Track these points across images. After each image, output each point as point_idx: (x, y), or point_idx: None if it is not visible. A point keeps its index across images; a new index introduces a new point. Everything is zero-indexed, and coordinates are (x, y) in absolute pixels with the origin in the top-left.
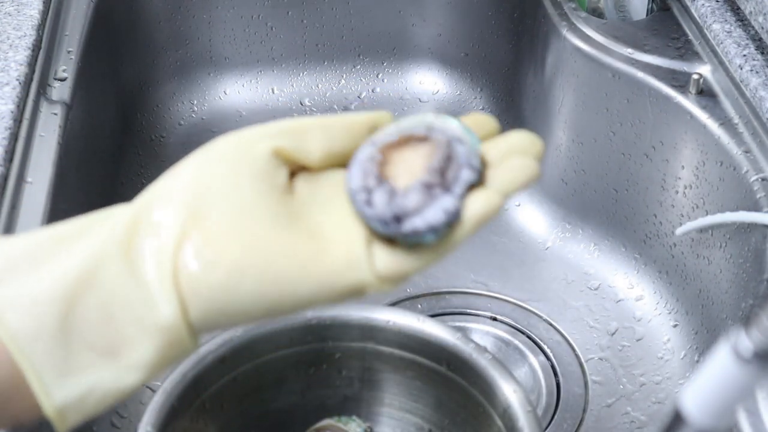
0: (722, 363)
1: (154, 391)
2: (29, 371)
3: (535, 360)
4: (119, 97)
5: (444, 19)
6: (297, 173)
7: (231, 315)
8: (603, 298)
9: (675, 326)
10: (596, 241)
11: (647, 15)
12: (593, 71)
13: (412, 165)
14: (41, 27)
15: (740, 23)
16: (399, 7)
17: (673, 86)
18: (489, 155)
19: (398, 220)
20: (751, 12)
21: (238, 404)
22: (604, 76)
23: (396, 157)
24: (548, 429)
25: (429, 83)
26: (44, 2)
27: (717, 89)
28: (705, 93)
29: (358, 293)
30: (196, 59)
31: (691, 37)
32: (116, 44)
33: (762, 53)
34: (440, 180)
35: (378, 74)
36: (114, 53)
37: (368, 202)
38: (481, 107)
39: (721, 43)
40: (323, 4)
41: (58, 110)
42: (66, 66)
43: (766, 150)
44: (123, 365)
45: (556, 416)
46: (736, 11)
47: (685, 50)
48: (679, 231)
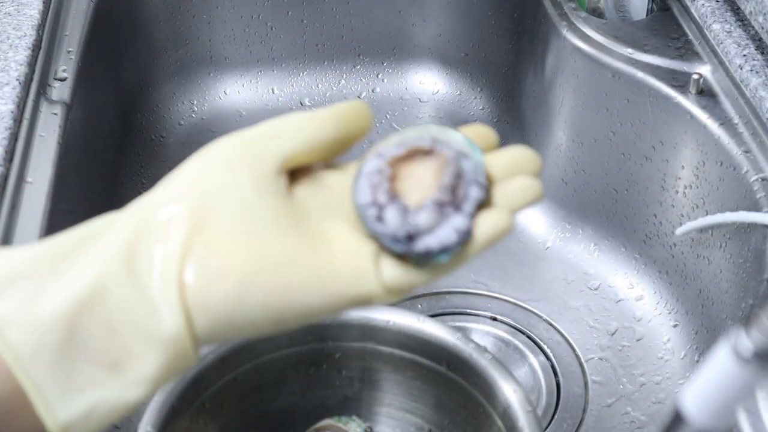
0: (722, 363)
1: None
2: (32, 389)
3: (535, 360)
4: (119, 97)
5: (444, 19)
6: (293, 177)
7: (238, 327)
8: (603, 298)
9: (675, 326)
10: (596, 241)
11: (647, 15)
12: (593, 71)
13: (422, 180)
14: (41, 27)
15: (740, 23)
16: (399, 7)
17: (673, 86)
18: (492, 171)
19: (411, 239)
20: (751, 12)
21: (238, 404)
22: (604, 76)
23: (404, 171)
24: (548, 429)
25: (429, 83)
26: (44, 2)
27: (717, 89)
28: (705, 93)
29: (365, 303)
30: (196, 59)
31: (691, 37)
32: (116, 44)
33: (762, 53)
34: (451, 198)
35: (378, 74)
36: (114, 53)
37: (379, 219)
38: (481, 107)
39: (721, 43)
40: (323, 4)
41: (58, 110)
42: (66, 66)
43: (766, 150)
44: (127, 380)
45: (556, 416)
46: (736, 11)
47: (685, 50)
48: (679, 231)
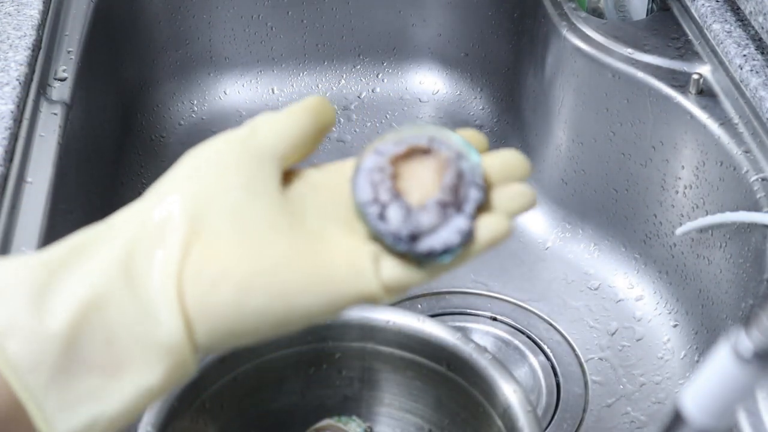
0: (722, 363)
1: None
2: (31, 403)
3: (535, 360)
4: (119, 97)
5: (444, 19)
6: (284, 179)
7: (238, 332)
8: (603, 298)
9: (675, 326)
10: (596, 241)
11: (647, 15)
12: (593, 71)
13: (423, 180)
14: (41, 27)
15: (740, 23)
16: (399, 7)
17: (673, 86)
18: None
19: (413, 239)
20: (751, 12)
21: (238, 404)
22: (604, 76)
23: (404, 170)
24: (548, 429)
25: (429, 83)
26: (44, 2)
27: (717, 89)
28: (705, 93)
29: (364, 303)
30: (196, 59)
31: (691, 37)
32: (116, 44)
33: (762, 53)
34: (453, 199)
35: (378, 74)
36: (114, 53)
37: (382, 217)
38: (481, 107)
39: (721, 43)
40: (323, 4)
41: (58, 110)
42: (66, 66)
43: (766, 150)
44: (127, 390)
45: (556, 416)
46: (736, 11)
47: (685, 50)
48: (679, 231)
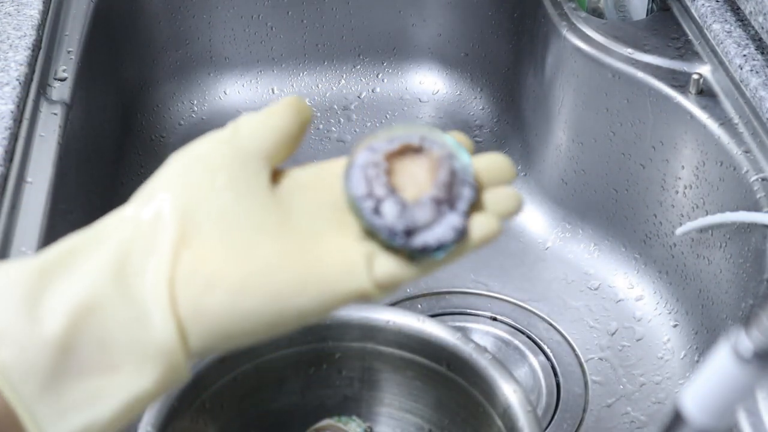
0: (722, 363)
1: None
2: (23, 412)
3: (535, 360)
4: (119, 97)
5: (444, 19)
6: (272, 179)
7: (232, 335)
8: (603, 298)
9: (675, 326)
10: (596, 241)
11: (647, 15)
12: (593, 71)
13: (417, 177)
14: (41, 27)
15: (740, 23)
16: (399, 7)
17: (673, 86)
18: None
19: (408, 234)
20: (751, 12)
21: (238, 404)
22: (604, 76)
23: (397, 167)
24: (548, 429)
25: (429, 83)
26: (44, 2)
27: (717, 89)
28: (705, 93)
29: (357, 300)
30: (196, 59)
31: (691, 37)
32: (116, 44)
33: (762, 53)
34: (447, 196)
35: (378, 74)
36: (114, 53)
37: (377, 211)
38: (481, 107)
39: (721, 43)
40: (323, 4)
41: (58, 110)
42: (66, 66)
43: (766, 150)
44: (120, 396)
45: (556, 416)
46: (736, 11)
47: (685, 50)
48: (679, 231)
